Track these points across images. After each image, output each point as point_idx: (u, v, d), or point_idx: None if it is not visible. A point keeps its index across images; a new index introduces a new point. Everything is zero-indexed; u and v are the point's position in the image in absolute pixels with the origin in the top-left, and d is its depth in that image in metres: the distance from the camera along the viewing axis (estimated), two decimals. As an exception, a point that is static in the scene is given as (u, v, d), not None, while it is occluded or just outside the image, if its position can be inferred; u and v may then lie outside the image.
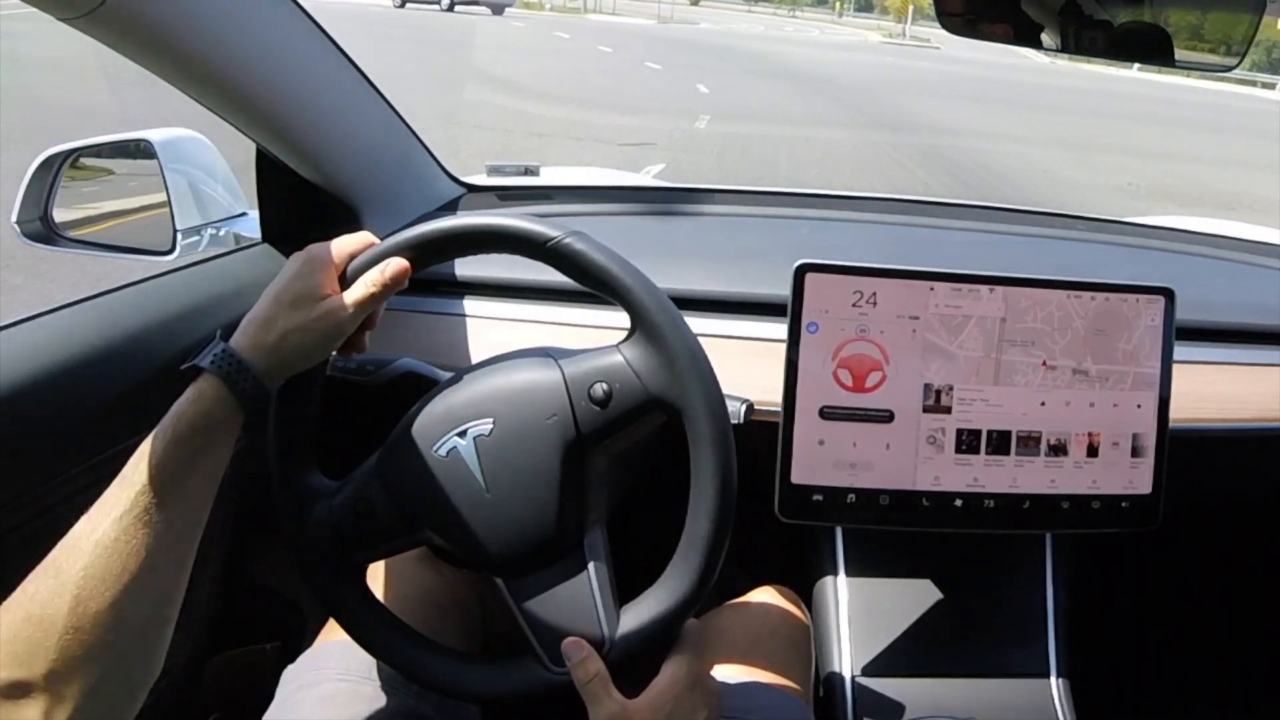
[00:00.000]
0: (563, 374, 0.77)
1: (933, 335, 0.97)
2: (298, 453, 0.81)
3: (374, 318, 0.80)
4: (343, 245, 0.78)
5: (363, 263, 0.78)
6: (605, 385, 0.75)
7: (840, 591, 1.12)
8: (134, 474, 0.66)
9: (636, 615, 0.76)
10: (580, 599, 0.76)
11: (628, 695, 0.73)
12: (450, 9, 20.19)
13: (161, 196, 1.14)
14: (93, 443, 0.86)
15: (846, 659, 1.07)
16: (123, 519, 0.64)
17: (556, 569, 0.77)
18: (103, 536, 0.64)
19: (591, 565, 0.77)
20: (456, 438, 0.77)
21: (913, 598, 1.11)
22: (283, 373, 0.74)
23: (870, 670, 1.06)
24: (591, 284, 0.77)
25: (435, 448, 0.77)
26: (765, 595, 1.05)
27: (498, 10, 21.36)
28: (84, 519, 0.65)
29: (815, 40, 30.53)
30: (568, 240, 0.76)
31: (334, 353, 0.83)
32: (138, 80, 0.92)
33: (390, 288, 0.76)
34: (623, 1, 40.04)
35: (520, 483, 0.76)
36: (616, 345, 0.77)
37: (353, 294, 0.75)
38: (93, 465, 0.85)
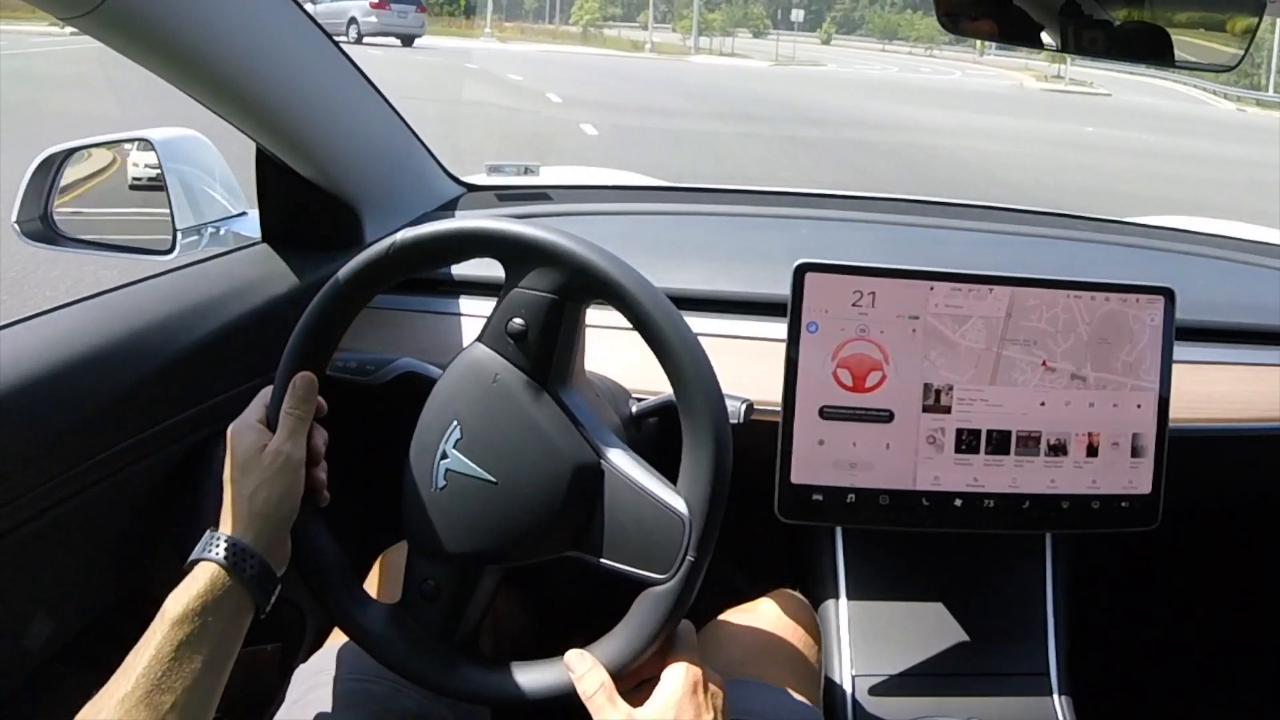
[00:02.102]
0: (481, 342, 0.78)
1: (932, 336, 0.97)
2: (355, 602, 0.81)
3: (316, 452, 0.81)
4: (255, 403, 0.82)
5: (275, 401, 0.80)
6: (517, 320, 0.76)
7: (840, 592, 1.12)
8: (135, 659, 0.68)
9: (691, 493, 0.74)
10: (643, 510, 0.75)
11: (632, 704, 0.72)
12: (359, 41, 19.18)
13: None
14: (93, 442, 0.86)
15: (846, 659, 1.07)
16: (125, 702, 0.66)
17: (603, 501, 0.76)
18: (108, 719, 0.65)
19: (629, 474, 0.75)
20: (440, 461, 0.77)
21: (913, 598, 1.11)
22: (271, 534, 0.76)
23: (870, 670, 1.06)
24: (455, 254, 0.79)
25: (433, 486, 0.77)
26: (775, 601, 1.05)
27: (407, 41, 20.23)
28: (90, 702, 0.67)
29: (961, 90, 21.15)
30: (399, 236, 0.78)
31: (336, 354, 0.83)
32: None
33: (308, 402, 0.80)
34: (745, 41, 35.05)
35: (516, 452, 0.76)
36: (508, 288, 0.78)
37: (282, 429, 0.79)
38: (93, 465, 0.85)
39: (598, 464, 0.76)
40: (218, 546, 0.73)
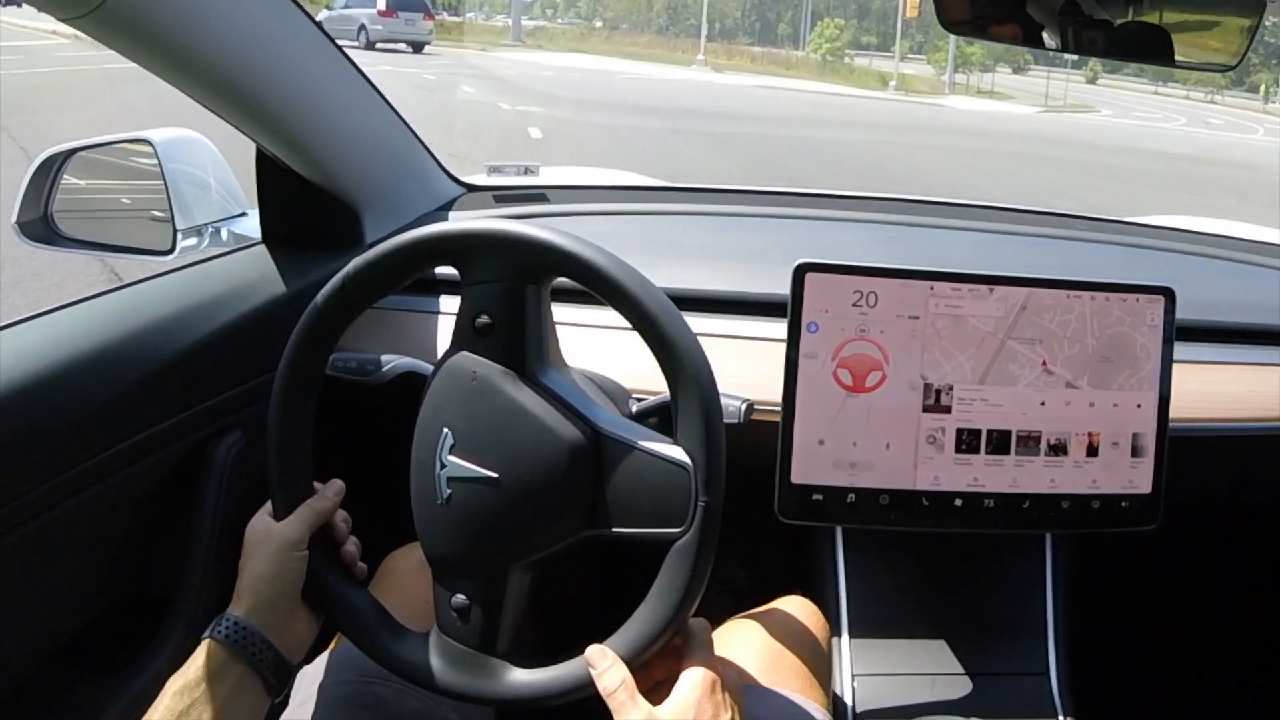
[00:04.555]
0: (453, 346, 0.78)
1: (933, 335, 0.97)
2: (395, 640, 0.80)
3: (339, 532, 0.82)
4: (265, 508, 0.83)
5: (276, 486, 0.80)
6: (483, 316, 0.76)
7: (841, 592, 1.12)
8: None
9: (687, 440, 0.74)
10: (645, 468, 0.74)
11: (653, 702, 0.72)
12: (370, 47, 19.30)
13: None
14: (93, 442, 0.86)
15: (847, 658, 1.07)
16: None
17: (606, 470, 0.75)
18: None
19: (625, 437, 0.75)
20: (440, 472, 0.76)
21: (913, 597, 1.11)
22: (265, 612, 0.76)
23: (870, 669, 1.06)
24: (409, 268, 0.79)
25: (439, 500, 0.77)
26: (787, 607, 1.05)
27: (417, 48, 20.59)
28: None
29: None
30: (349, 268, 0.78)
31: (335, 355, 0.83)
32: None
33: (322, 505, 0.80)
34: (1004, 77, 30.05)
35: (510, 443, 0.75)
36: (465, 287, 0.78)
37: (290, 516, 0.80)
38: (92, 465, 0.85)
39: (592, 435, 0.76)
40: (219, 624, 0.75)
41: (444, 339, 1.11)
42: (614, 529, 0.75)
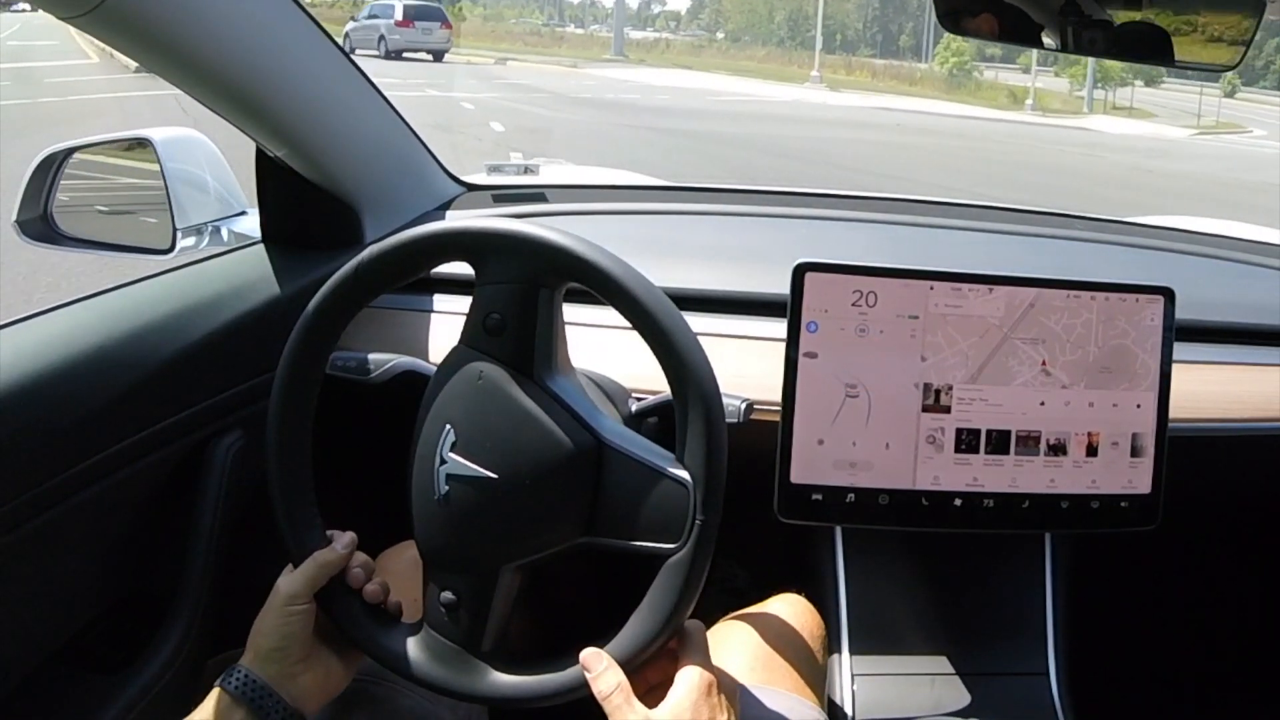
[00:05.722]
0: (462, 343, 0.78)
1: (933, 335, 0.97)
2: (380, 629, 0.80)
3: (355, 577, 0.81)
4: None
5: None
6: (494, 315, 0.76)
7: (840, 592, 1.12)
8: None
9: (689, 457, 0.74)
10: (646, 482, 0.74)
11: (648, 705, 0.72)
12: (395, 56, 19.81)
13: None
14: (93, 442, 0.86)
15: (846, 658, 1.07)
16: None
17: (606, 480, 0.75)
18: None
19: (627, 449, 0.75)
20: (440, 468, 0.76)
21: (912, 596, 1.11)
22: (264, 665, 0.76)
23: (870, 669, 1.06)
24: (423, 261, 0.79)
25: (436, 495, 0.76)
26: (782, 605, 1.05)
27: (438, 56, 21.10)
28: None
29: None
30: (363, 256, 0.78)
31: (335, 354, 0.83)
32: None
33: (331, 559, 0.79)
34: (1140, 92, 27.25)
35: (512, 444, 0.75)
36: (478, 285, 0.78)
37: (297, 570, 0.79)
38: (92, 465, 0.85)
39: (595, 444, 0.76)
40: (229, 675, 0.76)
41: (442, 339, 1.11)
42: (608, 539, 0.75)
